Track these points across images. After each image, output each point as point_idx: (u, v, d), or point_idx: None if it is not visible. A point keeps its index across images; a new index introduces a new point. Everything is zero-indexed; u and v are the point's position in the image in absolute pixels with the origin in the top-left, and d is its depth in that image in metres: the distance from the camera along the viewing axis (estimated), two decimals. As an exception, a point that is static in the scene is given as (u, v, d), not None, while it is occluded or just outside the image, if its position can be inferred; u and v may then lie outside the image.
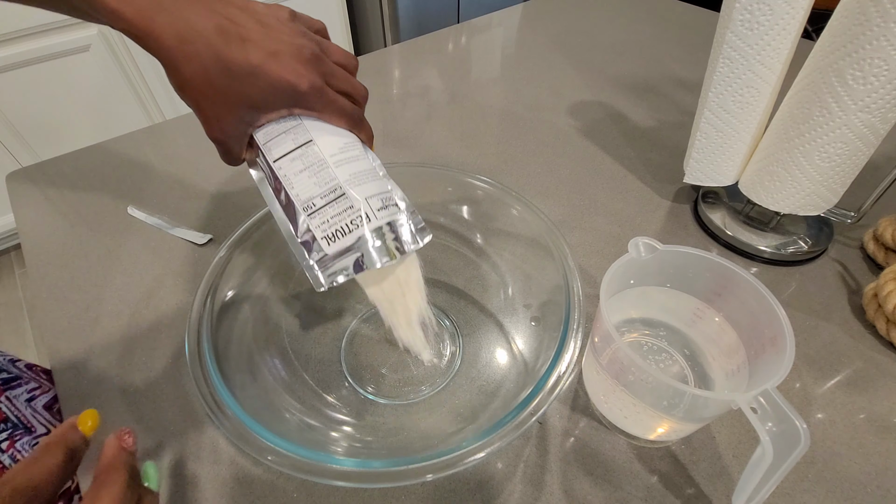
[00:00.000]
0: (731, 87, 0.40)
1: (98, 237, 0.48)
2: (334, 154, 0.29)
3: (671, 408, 0.27)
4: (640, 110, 0.64)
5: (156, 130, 0.62)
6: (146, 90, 1.32)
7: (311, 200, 0.28)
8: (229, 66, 0.24)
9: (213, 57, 0.24)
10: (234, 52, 0.24)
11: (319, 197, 0.28)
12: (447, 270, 0.42)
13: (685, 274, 0.31)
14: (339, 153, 0.29)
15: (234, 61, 0.24)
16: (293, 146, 0.28)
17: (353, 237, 0.29)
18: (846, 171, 0.38)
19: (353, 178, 0.28)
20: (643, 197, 0.51)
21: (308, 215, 0.28)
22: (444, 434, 0.32)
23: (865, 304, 0.39)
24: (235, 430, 0.25)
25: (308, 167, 0.28)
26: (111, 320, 0.40)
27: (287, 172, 0.28)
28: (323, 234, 0.28)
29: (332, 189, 0.28)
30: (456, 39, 0.82)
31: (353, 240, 0.29)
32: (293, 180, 0.28)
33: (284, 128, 0.28)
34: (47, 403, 0.41)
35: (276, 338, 0.36)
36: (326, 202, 0.28)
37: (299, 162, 0.28)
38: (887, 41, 0.31)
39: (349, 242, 0.29)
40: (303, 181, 0.28)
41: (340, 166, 0.28)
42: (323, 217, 0.28)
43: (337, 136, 0.29)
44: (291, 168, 0.28)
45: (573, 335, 0.28)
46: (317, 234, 0.28)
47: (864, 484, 0.30)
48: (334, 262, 0.29)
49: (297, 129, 0.28)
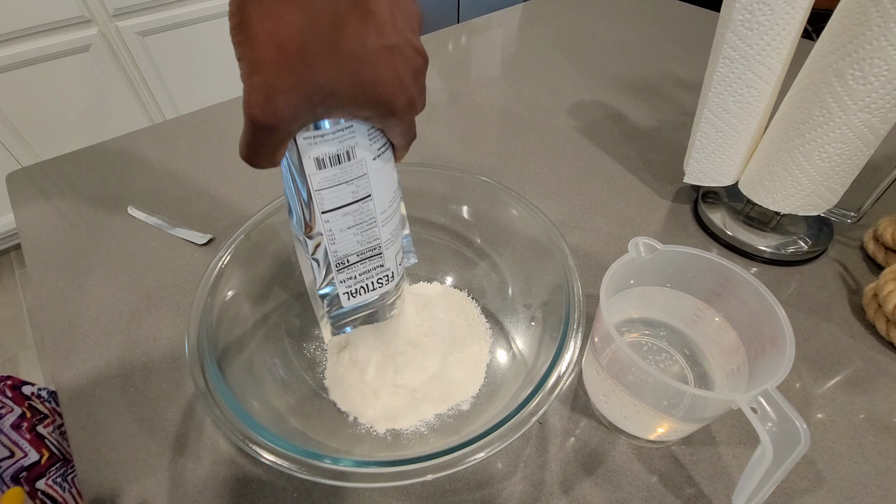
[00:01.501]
0: (731, 87, 0.40)
1: (98, 237, 0.48)
2: (384, 210, 0.25)
3: (671, 408, 0.27)
4: (640, 110, 0.64)
5: (156, 130, 0.62)
6: (146, 90, 1.32)
7: (347, 257, 0.26)
8: (337, 36, 0.18)
9: (328, 14, 0.17)
10: (352, 22, 0.18)
11: (356, 254, 0.26)
12: (447, 270, 0.42)
13: (685, 274, 0.31)
14: (388, 207, 0.26)
15: (347, 32, 0.18)
16: (351, 199, 0.24)
17: (375, 294, 0.28)
18: (846, 171, 0.38)
19: (391, 237, 0.27)
20: (643, 197, 0.51)
21: (338, 271, 0.26)
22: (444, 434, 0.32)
23: (865, 304, 0.39)
24: (235, 429, 0.25)
25: (357, 224, 0.25)
26: (111, 320, 0.40)
27: (334, 227, 0.24)
28: (346, 290, 0.27)
29: (371, 248, 0.26)
30: (456, 39, 0.82)
31: (375, 297, 0.28)
32: (337, 237, 0.25)
33: (346, 172, 0.23)
34: (15, 423, 0.39)
35: (276, 338, 0.36)
36: (360, 259, 0.26)
37: (350, 218, 0.24)
38: (887, 41, 0.31)
39: (370, 299, 0.28)
40: (347, 238, 0.25)
41: (386, 224, 0.26)
42: (351, 273, 0.26)
43: (391, 183, 0.25)
44: (340, 223, 0.24)
45: (573, 335, 0.28)
46: (340, 290, 0.26)
47: (864, 484, 0.30)
48: (348, 316, 0.28)
49: (360, 180, 0.23)
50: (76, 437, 0.33)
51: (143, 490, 0.31)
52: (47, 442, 0.39)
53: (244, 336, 0.33)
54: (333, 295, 0.27)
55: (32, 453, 0.38)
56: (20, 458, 0.37)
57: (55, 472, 0.39)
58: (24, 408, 0.39)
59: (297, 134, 0.21)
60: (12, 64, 1.11)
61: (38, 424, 0.40)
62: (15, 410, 0.40)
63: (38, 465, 0.38)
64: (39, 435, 0.39)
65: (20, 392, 0.40)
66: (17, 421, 0.40)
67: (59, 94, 1.21)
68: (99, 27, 1.18)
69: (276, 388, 0.32)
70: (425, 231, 0.41)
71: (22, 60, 1.12)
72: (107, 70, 1.24)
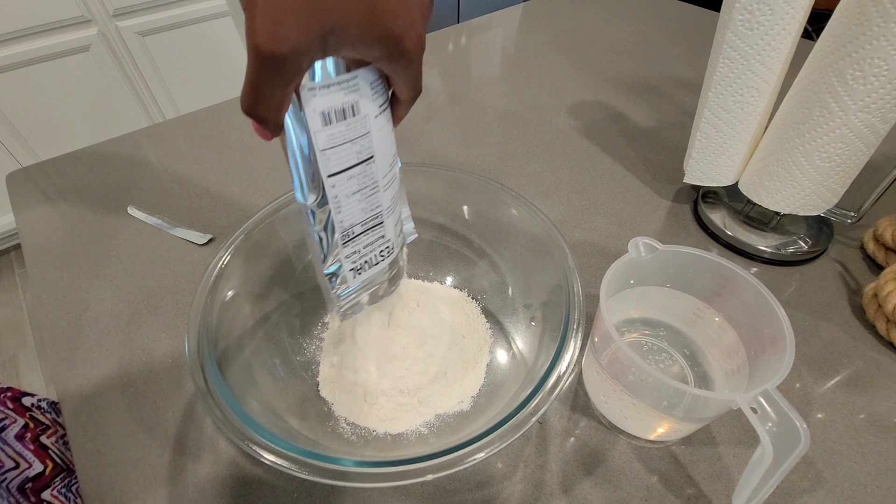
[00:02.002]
0: (731, 87, 0.40)
1: (98, 237, 0.48)
2: (385, 174, 0.25)
3: (671, 408, 0.27)
4: (640, 110, 0.64)
5: (156, 130, 0.62)
6: (146, 90, 1.32)
7: (353, 228, 0.25)
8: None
9: None
10: None
11: (360, 224, 0.25)
12: (447, 270, 0.42)
13: (685, 274, 0.31)
14: (389, 171, 0.25)
15: None
16: (355, 161, 0.23)
17: (378, 268, 0.27)
18: (846, 171, 0.38)
19: (392, 204, 0.26)
20: (643, 197, 0.51)
21: (343, 245, 0.25)
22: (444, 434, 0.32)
23: (865, 304, 0.39)
24: (235, 429, 0.25)
25: (362, 189, 0.24)
26: (111, 320, 0.40)
27: (339, 193, 0.23)
28: (351, 266, 0.26)
29: (373, 216, 0.25)
30: (456, 39, 0.82)
31: (377, 271, 0.27)
32: (343, 204, 0.24)
33: (351, 129, 0.22)
34: (18, 433, 0.39)
35: (276, 337, 0.36)
36: (364, 230, 0.25)
37: (355, 182, 0.23)
38: (887, 41, 0.31)
39: (373, 274, 0.27)
40: (352, 206, 0.24)
41: (387, 189, 0.25)
42: (356, 246, 0.25)
43: (391, 144, 0.25)
44: (346, 188, 0.23)
45: (573, 335, 0.28)
46: (345, 266, 0.26)
47: (864, 484, 0.30)
48: (355, 296, 0.28)
49: (363, 139, 0.22)
50: (76, 438, 0.33)
51: (143, 490, 0.31)
52: (51, 452, 0.39)
53: (244, 336, 0.33)
54: (340, 273, 0.26)
55: (37, 464, 0.38)
56: (25, 469, 0.37)
57: (59, 482, 0.39)
58: (25, 419, 0.39)
59: (301, 86, 0.20)
60: (12, 64, 1.11)
61: (42, 435, 0.40)
62: (18, 421, 0.40)
63: (43, 475, 0.38)
64: (43, 445, 0.39)
65: (21, 403, 0.40)
66: (21, 432, 0.40)
67: (59, 95, 1.21)
68: (99, 27, 1.18)
69: (276, 389, 0.32)
70: (425, 231, 0.41)
71: (22, 60, 1.12)
72: (107, 70, 1.24)
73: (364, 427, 0.32)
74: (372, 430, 0.32)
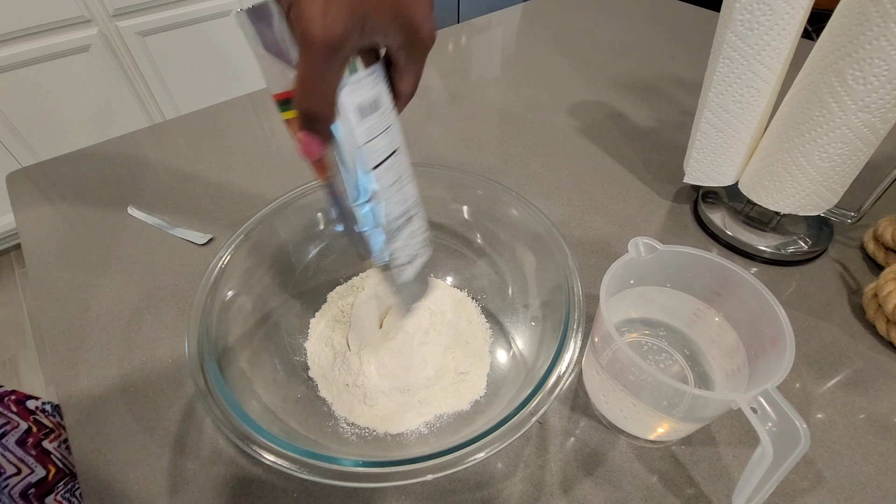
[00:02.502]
0: (731, 87, 0.40)
1: (98, 237, 0.48)
2: (409, 165, 0.25)
3: (671, 408, 0.27)
4: (640, 110, 0.64)
5: (156, 130, 0.62)
6: (146, 90, 1.32)
7: (395, 222, 0.25)
8: None
9: None
10: None
11: (404, 216, 0.25)
12: (447, 270, 0.42)
13: (685, 274, 0.31)
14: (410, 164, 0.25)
15: None
16: (389, 152, 0.23)
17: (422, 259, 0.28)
18: (846, 171, 0.38)
19: (419, 199, 0.26)
20: (643, 197, 0.51)
21: (390, 240, 0.25)
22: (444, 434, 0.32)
23: (865, 304, 0.39)
24: (235, 429, 0.25)
25: (397, 180, 0.24)
26: (111, 320, 0.40)
27: (382, 185, 0.23)
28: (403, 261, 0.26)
29: (405, 210, 0.25)
30: (456, 39, 0.82)
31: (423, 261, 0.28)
32: (387, 197, 0.24)
33: (380, 121, 0.22)
34: (20, 439, 0.39)
35: (275, 337, 0.36)
36: (407, 220, 0.25)
37: (393, 173, 0.23)
38: (887, 41, 0.31)
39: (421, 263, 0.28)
40: (391, 198, 0.24)
41: (413, 181, 0.25)
42: (399, 242, 0.25)
43: (403, 137, 0.25)
44: (385, 179, 0.23)
45: (573, 335, 0.28)
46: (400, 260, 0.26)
47: (864, 484, 0.30)
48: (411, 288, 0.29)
49: (390, 131, 0.23)
50: (76, 438, 0.33)
51: (143, 490, 0.31)
52: (53, 457, 0.39)
53: (244, 336, 0.33)
54: (398, 272, 0.26)
55: (39, 469, 0.38)
56: (27, 475, 0.37)
57: (62, 487, 0.39)
58: (29, 422, 0.39)
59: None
60: (12, 64, 1.11)
61: (44, 439, 0.40)
62: (21, 426, 0.40)
63: (46, 481, 0.38)
64: (45, 450, 0.39)
65: (25, 406, 0.40)
66: (23, 437, 0.39)
67: (59, 94, 1.21)
68: (99, 27, 1.18)
69: (276, 388, 0.32)
70: (425, 231, 0.41)
71: (22, 60, 1.12)
72: (107, 70, 1.24)
73: (364, 427, 0.32)
74: (372, 430, 0.32)
